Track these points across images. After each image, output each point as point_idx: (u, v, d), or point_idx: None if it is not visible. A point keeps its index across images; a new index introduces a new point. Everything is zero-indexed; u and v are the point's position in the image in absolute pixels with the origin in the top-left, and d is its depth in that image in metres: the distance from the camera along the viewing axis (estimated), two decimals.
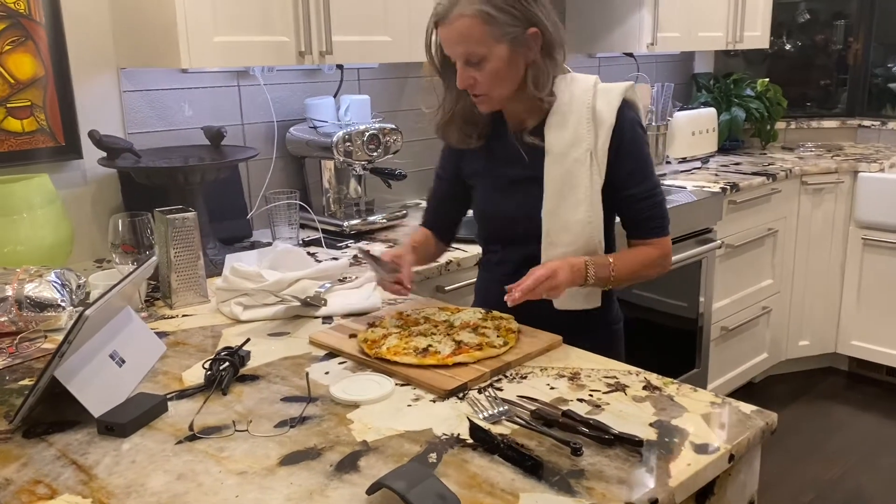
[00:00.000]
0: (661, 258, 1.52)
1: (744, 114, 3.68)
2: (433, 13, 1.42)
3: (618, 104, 1.44)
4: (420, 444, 1.06)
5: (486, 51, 1.38)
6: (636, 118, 1.48)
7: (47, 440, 1.10)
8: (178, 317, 1.61)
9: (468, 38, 1.38)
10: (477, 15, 1.36)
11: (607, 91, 1.46)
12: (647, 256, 1.51)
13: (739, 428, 1.09)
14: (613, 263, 1.46)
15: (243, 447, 1.07)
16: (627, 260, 1.49)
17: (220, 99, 2.23)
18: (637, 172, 1.47)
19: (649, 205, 1.49)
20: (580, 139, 1.44)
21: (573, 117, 1.45)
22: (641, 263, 1.50)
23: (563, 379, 1.26)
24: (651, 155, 1.52)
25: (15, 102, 1.85)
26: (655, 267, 1.52)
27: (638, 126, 1.48)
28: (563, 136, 1.45)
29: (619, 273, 1.47)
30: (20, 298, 1.48)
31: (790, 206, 3.33)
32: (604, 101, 1.45)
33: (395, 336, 1.36)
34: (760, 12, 3.54)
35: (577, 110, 1.45)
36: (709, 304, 2.93)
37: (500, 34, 1.37)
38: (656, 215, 1.50)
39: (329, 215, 2.33)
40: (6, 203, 1.70)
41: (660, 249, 1.52)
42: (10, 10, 1.81)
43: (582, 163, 1.44)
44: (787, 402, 3.38)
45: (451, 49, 1.42)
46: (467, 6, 1.36)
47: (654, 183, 1.50)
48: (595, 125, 1.44)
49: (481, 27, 1.36)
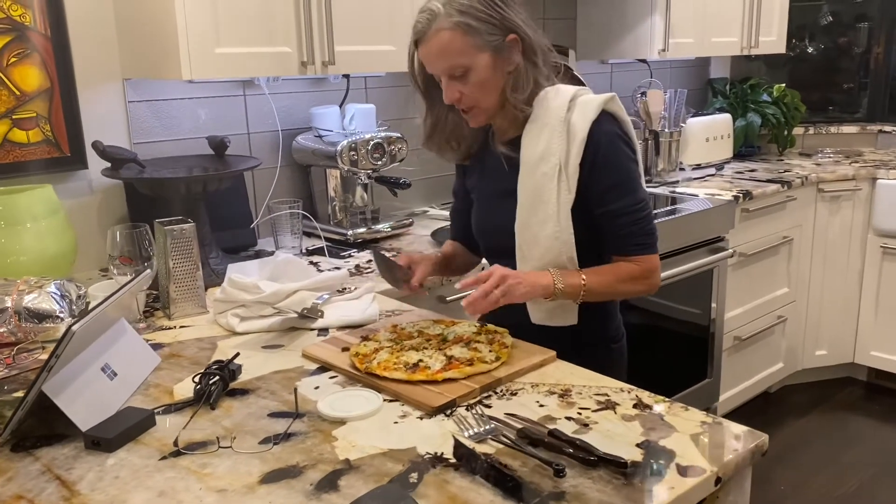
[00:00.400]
0: (644, 275, 1.46)
1: (760, 119, 3.63)
2: (413, 31, 1.43)
3: (593, 116, 1.41)
4: (403, 464, 1.05)
5: (470, 61, 1.39)
6: (615, 131, 1.43)
7: (34, 454, 1.11)
8: (176, 328, 1.61)
9: (450, 51, 1.38)
10: (457, 27, 1.37)
11: (585, 103, 1.43)
12: (626, 272, 1.45)
13: (728, 449, 1.07)
14: (585, 276, 1.43)
15: (226, 464, 1.06)
16: (602, 273, 1.45)
17: (225, 108, 2.24)
18: (615, 188, 1.42)
19: (629, 221, 1.43)
20: (550, 152, 1.42)
21: (546, 130, 1.43)
22: (618, 278, 1.45)
23: (554, 396, 1.24)
24: (636, 169, 1.45)
25: (20, 114, 1.87)
26: (636, 283, 1.46)
27: (617, 139, 1.43)
28: (535, 148, 1.44)
29: (592, 285, 1.43)
30: (19, 309, 1.50)
31: (806, 214, 3.27)
32: (579, 114, 1.42)
33: (387, 350, 1.35)
34: (776, 17, 3.49)
35: (551, 123, 1.42)
36: (721, 313, 2.89)
37: (482, 43, 1.38)
38: (638, 231, 1.44)
39: (335, 224, 2.33)
40: (10, 214, 1.72)
41: (642, 266, 1.45)
42: (15, 22, 1.83)
43: (550, 177, 1.42)
44: (803, 412, 3.33)
45: (434, 65, 1.43)
46: (445, 20, 1.37)
47: (638, 198, 1.44)
48: (568, 139, 1.41)
49: (462, 38, 1.37)
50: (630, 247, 1.45)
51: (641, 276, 1.45)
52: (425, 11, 1.40)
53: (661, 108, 3.15)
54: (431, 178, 2.72)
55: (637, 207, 1.43)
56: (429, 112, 1.55)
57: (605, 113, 1.44)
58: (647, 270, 1.46)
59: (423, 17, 1.40)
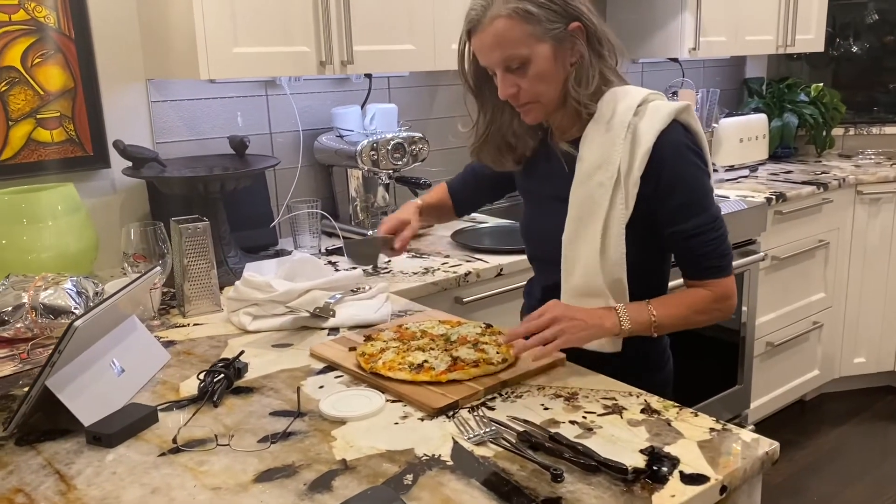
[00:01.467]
0: (717, 302, 1.31)
1: (797, 120, 3.54)
2: (465, 20, 1.30)
3: (661, 126, 1.26)
4: (399, 465, 1.03)
5: (528, 52, 1.26)
6: (685, 142, 1.28)
7: (37, 448, 1.12)
8: (190, 325, 1.62)
9: (507, 40, 1.25)
10: (514, 14, 1.24)
11: (655, 110, 1.28)
12: (698, 300, 1.31)
13: (736, 457, 1.03)
14: (654, 309, 1.29)
15: (223, 462, 1.06)
16: (673, 305, 1.32)
17: (248, 108, 2.26)
18: (687, 206, 1.28)
19: (702, 241, 1.29)
20: (610, 160, 1.28)
21: (609, 135, 1.29)
22: (692, 309, 1.31)
23: (560, 399, 1.21)
24: (708, 184, 1.30)
25: (44, 114, 1.90)
26: (710, 312, 1.32)
27: (687, 151, 1.28)
28: (594, 153, 1.30)
29: (663, 320, 1.29)
30: (36, 305, 1.52)
31: (843, 217, 3.17)
32: (648, 122, 1.27)
33: (393, 350, 1.33)
34: (815, 14, 3.39)
35: (615, 127, 1.28)
36: (752, 318, 2.82)
37: (542, 32, 1.25)
38: (711, 253, 1.30)
39: (356, 224, 2.33)
40: (32, 211, 1.75)
41: (714, 292, 1.31)
42: (39, 23, 1.86)
43: (606, 188, 1.28)
44: (840, 421, 3.23)
45: (489, 57, 1.29)
46: (502, 6, 1.24)
47: (711, 217, 1.29)
48: (632, 147, 1.27)
49: (521, 26, 1.24)
50: (703, 270, 1.31)
51: (715, 302, 1.31)
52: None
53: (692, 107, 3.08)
54: None
55: (710, 227, 1.29)
56: (481, 112, 1.42)
57: (676, 123, 1.29)
58: (721, 296, 1.32)
59: (477, 4, 1.28)
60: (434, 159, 2.38)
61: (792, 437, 3.07)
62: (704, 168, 1.31)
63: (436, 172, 2.58)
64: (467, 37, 1.32)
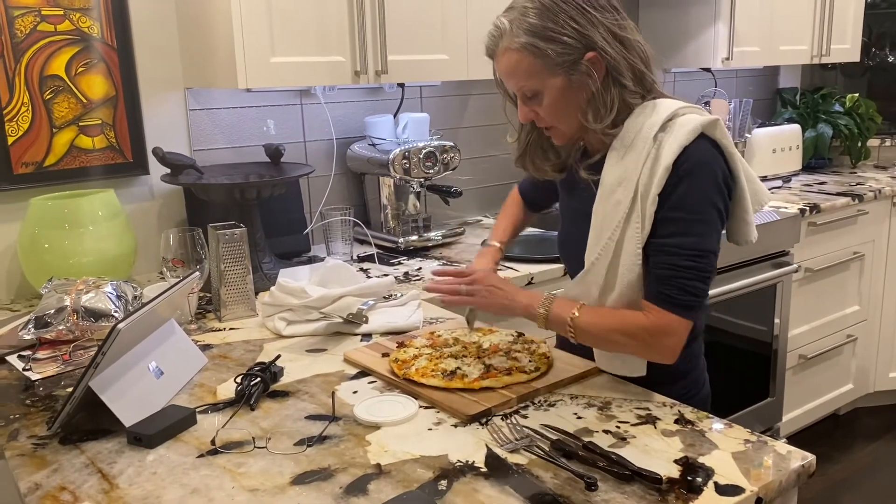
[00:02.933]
0: (650, 334, 1.20)
1: (831, 130, 3.50)
2: (484, 48, 1.31)
3: (685, 142, 1.19)
4: (433, 470, 1.05)
5: (539, 85, 1.24)
6: (710, 162, 1.20)
7: (80, 447, 1.15)
8: (226, 330, 1.65)
9: (518, 72, 1.25)
10: (523, 49, 1.22)
11: (682, 125, 1.21)
12: (629, 322, 1.22)
13: (772, 469, 1.02)
14: (579, 311, 1.24)
15: (260, 464, 1.08)
16: (602, 315, 1.25)
17: (283, 117, 2.29)
18: (677, 222, 1.19)
19: (672, 263, 1.19)
20: (628, 178, 1.23)
21: (632, 153, 1.23)
22: (617, 327, 1.22)
23: (593, 408, 1.22)
24: (715, 216, 1.20)
25: (87, 121, 1.95)
26: (639, 339, 1.21)
27: (710, 172, 1.20)
28: (615, 171, 1.25)
29: (581, 324, 1.23)
30: (77, 308, 1.56)
31: (879, 229, 3.13)
32: (672, 138, 1.20)
33: (426, 357, 1.35)
34: (850, 24, 3.36)
35: (638, 144, 1.23)
36: (784, 330, 2.78)
37: (553, 65, 1.22)
38: (673, 280, 1.19)
39: (387, 231, 2.35)
40: (73, 217, 1.79)
41: (652, 322, 1.20)
42: (84, 34, 1.91)
43: (622, 206, 1.23)
44: (874, 436, 3.18)
45: (506, 83, 1.30)
46: (512, 39, 1.23)
47: (698, 246, 1.19)
48: (653, 165, 1.21)
49: (530, 60, 1.22)
50: (656, 293, 1.20)
51: (648, 334, 1.20)
52: (493, 26, 1.27)
53: (724, 117, 3.07)
54: (485, 188, 2.71)
55: (690, 255, 1.18)
56: (519, 125, 1.40)
57: (704, 139, 1.21)
58: (657, 329, 1.19)
59: (490, 33, 1.28)
60: (465, 168, 2.40)
61: (825, 451, 3.02)
62: (719, 198, 1.21)
63: (466, 181, 2.60)
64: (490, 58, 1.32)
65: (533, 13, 1.21)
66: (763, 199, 1.34)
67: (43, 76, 1.88)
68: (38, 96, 1.88)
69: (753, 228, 1.33)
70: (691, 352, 1.38)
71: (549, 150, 1.39)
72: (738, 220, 1.31)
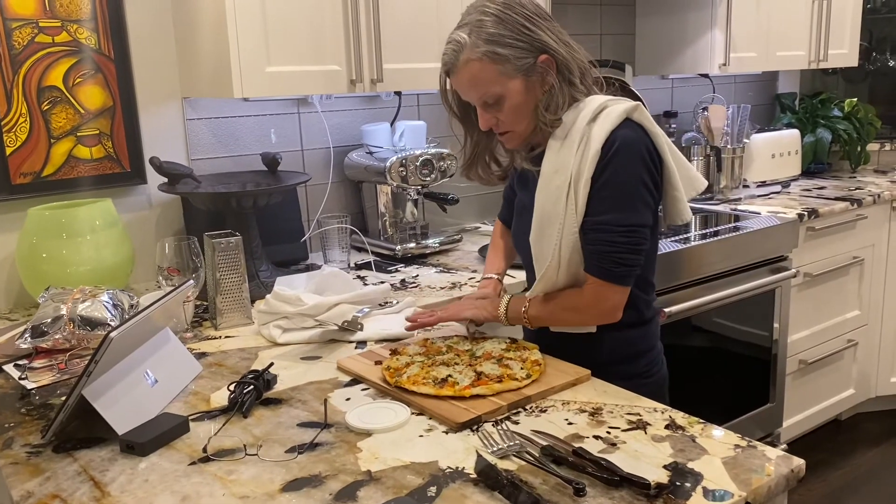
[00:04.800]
0: (588, 302, 1.36)
1: (830, 135, 3.50)
2: (441, 63, 1.40)
3: (611, 127, 1.31)
4: (423, 477, 1.05)
5: (502, 89, 1.34)
6: (636, 142, 1.32)
7: (73, 455, 1.15)
8: (221, 338, 1.66)
9: (480, 81, 1.34)
10: (485, 56, 1.32)
11: (608, 114, 1.33)
12: (570, 301, 1.39)
13: (760, 474, 1.03)
14: (529, 304, 1.43)
15: (251, 471, 1.08)
16: (547, 301, 1.41)
17: (280, 126, 2.30)
18: (609, 199, 1.31)
19: (605, 239, 1.31)
20: (564, 166, 1.34)
21: (566, 142, 1.35)
22: (561, 307, 1.40)
23: (584, 414, 1.22)
24: (642, 191, 1.32)
25: (84, 131, 1.97)
26: (581, 313, 1.39)
27: (636, 151, 1.31)
28: (552, 161, 1.37)
29: (534, 313, 1.43)
30: (73, 317, 1.56)
31: (879, 234, 3.13)
32: (599, 125, 1.32)
33: (418, 365, 1.35)
34: (848, 29, 3.36)
35: (573, 134, 1.34)
36: (784, 335, 2.78)
37: (512, 69, 1.33)
38: (609, 254, 1.32)
39: (384, 239, 2.36)
40: (70, 226, 1.80)
41: (588, 293, 1.36)
42: (82, 45, 1.93)
43: (560, 191, 1.34)
44: (876, 442, 3.17)
45: (467, 94, 1.40)
46: (473, 50, 1.33)
47: (627, 221, 1.31)
48: (584, 152, 1.32)
49: (492, 67, 1.33)
50: (595, 266, 1.34)
51: (589, 305, 1.37)
52: (451, 42, 1.36)
53: (722, 123, 3.07)
54: (482, 195, 2.72)
55: (621, 229, 1.31)
56: (467, 136, 1.51)
57: (630, 122, 1.33)
58: (596, 299, 1.36)
59: (449, 49, 1.36)
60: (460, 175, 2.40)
61: (827, 457, 3.02)
62: (646, 175, 1.32)
63: (464, 188, 2.60)
64: (446, 75, 1.41)
65: (489, 23, 1.32)
66: (697, 186, 1.47)
67: (41, 87, 1.89)
68: (36, 107, 1.89)
69: (687, 207, 1.44)
70: (649, 331, 1.51)
71: (493, 160, 1.51)
72: (670, 198, 1.42)
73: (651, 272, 1.48)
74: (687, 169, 1.45)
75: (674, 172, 1.39)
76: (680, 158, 1.43)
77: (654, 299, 1.52)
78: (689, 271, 2.39)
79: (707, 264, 2.43)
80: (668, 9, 3.01)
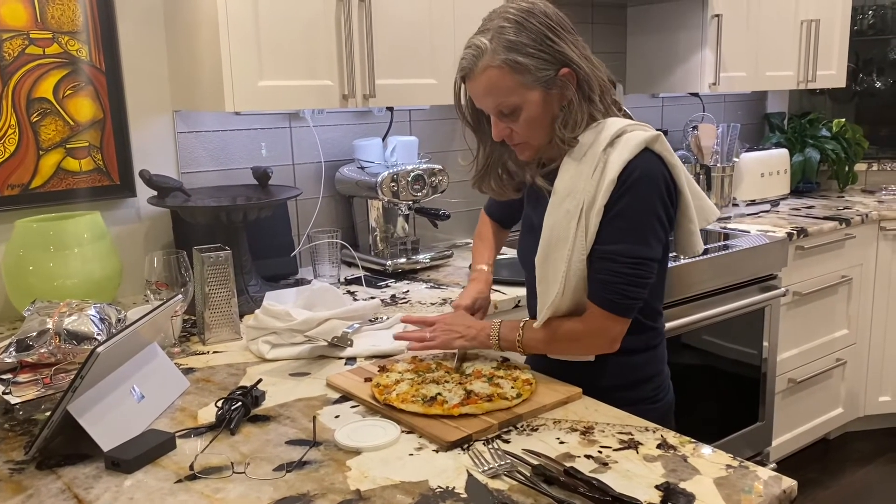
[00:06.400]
0: (587, 334, 1.34)
1: (818, 155, 3.52)
2: (458, 67, 1.35)
3: (630, 156, 1.27)
4: (413, 496, 1.04)
5: (519, 100, 1.30)
6: (654, 173, 1.29)
7: (57, 472, 1.13)
8: (209, 353, 1.64)
9: (498, 89, 1.30)
10: (504, 65, 1.28)
11: (627, 141, 1.29)
12: (569, 330, 1.35)
13: (752, 495, 1.02)
14: (523, 331, 1.39)
15: (239, 489, 1.07)
16: (542, 332, 1.37)
17: (272, 140, 2.30)
18: (621, 231, 1.28)
19: (612, 269, 1.28)
20: (577, 190, 1.31)
21: (581, 166, 1.31)
22: (558, 336, 1.36)
23: (575, 433, 1.21)
24: (655, 225, 1.29)
25: (74, 143, 1.95)
26: (577, 344, 1.36)
27: (654, 183, 1.28)
28: (565, 181, 1.33)
29: (527, 342, 1.39)
30: (59, 331, 1.54)
31: (867, 253, 3.14)
32: (618, 153, 1.28)
33: (407, 382, 1.34)
34: (836, 51, 3.40)
35: (589, 158, 1.31)
36: (773, 354, 2.78)
37: (532, 80, 1.29)
38: (614, 285, 1.29)
39: (375, 254, 2.35)
40: (58, 239, 1.78)
41: (587, 323, 1.33)
42: (72, 56, 1.92)
43: (572, 216, 1.30)
44: (865, 461, 3.17)
45: (482, 102, 1.36)
46: (493, 57, 1.28)
47: (636, 253, 1.28)
48: (600, 179, 1.29)
49: (511, 76, 1.29)
50: (599, 296, 1.31)
51: (587, 336, 1.34)
52: (471, 47, 1.31)
53: (712, 142, 3.09)
54: (473, 211, 2.72)
55: (629, 261, 1.28)
56: (480, 146, 1.47)
57: (649, 153, 1.30)
58: (595, 330, 1.33)
59: (468, 53, 1.32)
60: (453, 191, 2.41)
61: (815, 476, 3.01)
62: (661, 208, 1.29)
63: (455, 203, 2.61)
64: (462, 81, 1.37)
65: (511, 31, 1.28)
66: (709, 216, 1.45)
67: (30, 98, 1.88)
68: (26, 118, 1.88)
69: (699, 239, 1.43)
70: (656, 355, 1.48)
71: (506, 171, 1.46)
72: (684, 230, 1.41)
73: (659, 301, 1.45)
74: (701, 199, 1.43)
75: (690, 205, 1.37)
76: (696, 190, 1.41)
77: (662, 326, 1.49)
78: (679, 289, 2.39)
79: (697, 282, 2.43)
80: (659, 28, 3.04)
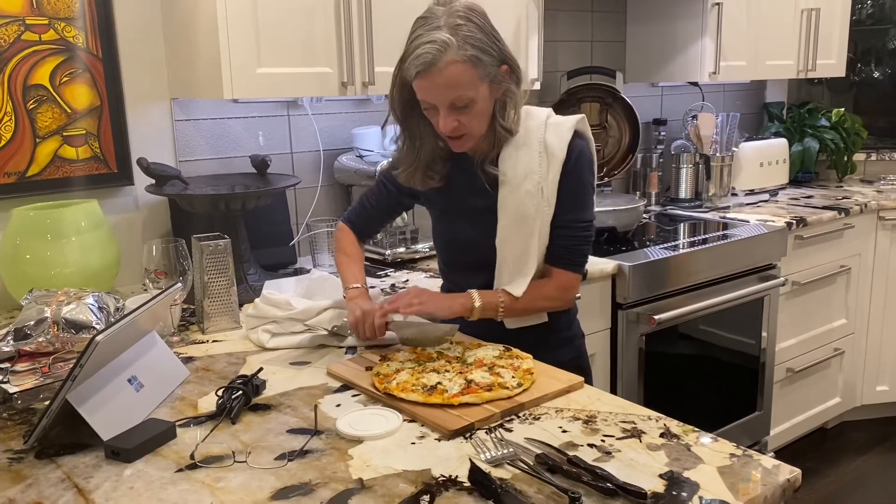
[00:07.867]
0: (559, 291, 1.57)
1: (818, 145, 3.52)
2: (416, 62, 1.38)
3: (569, 137, 1.49)
4: (416, 485, 1.03)
5: (475, 94, 1.41)
6: (584, 150, 1.52)
7: (57, 461, 1.12)
8: (209, 342, 1.63)
9: (459, 83, 1.39)
10: (469, 60, 1.38)
11: (559, 125, 1.50)
12: (542, 291, 1.55)
13: (757, 483, 1.02)
14: (502, 295, 1.52)
15: (240, 478, 1.06)
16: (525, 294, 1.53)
17: (270, 128, 2.28)
18: (570, 202, 1.51)
19: (568, 234, 1.53)
20: (532, 172, 1.49)
21: (526, 150, 1.49)
22: (535, 297, 1.54)
23: (578, 422, 1.21)
24: (591, 190, 1.56)
25: (71, 131, 1.94)
26: (552, 299, 1.57)
27: (584, 157, 1.51)
28: (516, 167, 1.50)
29: (508, 305, 1.52)
30: (58, 320, 1.53)
31: (865, 243, 3.14)
32: (555, 135, 1.49)
33: (408, 371, 1.33)
34: (836, 40, 3.39)
35: (530, 143, 1.49)
36: (772, 343, 2.79)
37: (484, 75, 1.41)
38: (571, 248, 1.54)
39: (374, 243, 2.34)
40: (56, 227, 1.77)
41: (555, 283, 1.55)
42: (69, 43, 1.90)
43: (533, 194, 1.49)
44: (862, 450, 3.18)
45: (436, 95, 1.41)
46: (458, 52, 1.37)
47: (584, 217, 1.53)
48: (546, 158, 1.49)
49: (472, 71, 1.39)
50: (558, 258, 1.54)
51: (558, 291, 1.57)
52: (434, 42, 1.36)
53: (711, 131, 3.08)
54: None
55: (580, 226, 1.53)
56: (409, 142, 1.54)
57: (577, 132, 1.51)
58: (564, 286, 1.57)
59: (431, 48, 1.36)
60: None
61: (813, 465, 3.02)
62: (591, 176, 1.55)
63: None
64: (415, 76, 1.40)
65: (473, 28, 1.40)
66: None
67: (27, 85, 1.86)
68: (22, 106, 1.86)
69: None
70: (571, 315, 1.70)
71: (437, 163, 1.56)
72: None
73: None
74: None
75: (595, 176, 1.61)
76: None
77: None
78: (678, 279, 2.39)
79: (695, 272, 2.43)
80: (659, 17, 3.02)
